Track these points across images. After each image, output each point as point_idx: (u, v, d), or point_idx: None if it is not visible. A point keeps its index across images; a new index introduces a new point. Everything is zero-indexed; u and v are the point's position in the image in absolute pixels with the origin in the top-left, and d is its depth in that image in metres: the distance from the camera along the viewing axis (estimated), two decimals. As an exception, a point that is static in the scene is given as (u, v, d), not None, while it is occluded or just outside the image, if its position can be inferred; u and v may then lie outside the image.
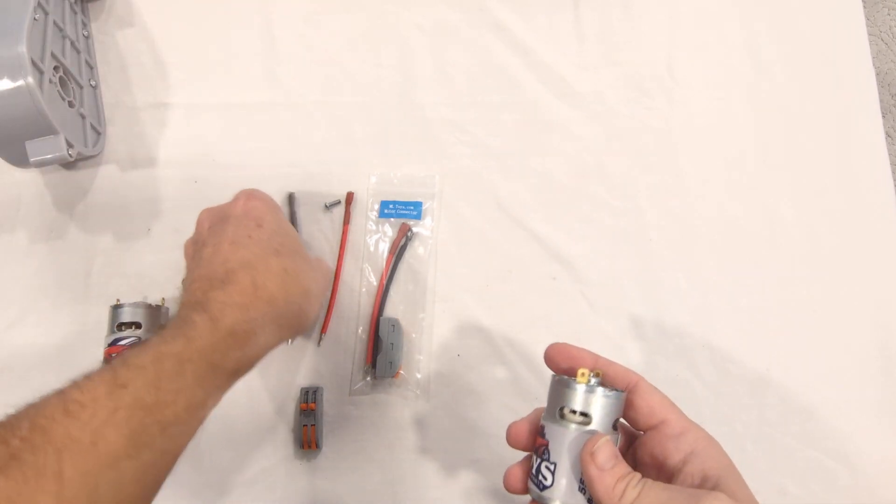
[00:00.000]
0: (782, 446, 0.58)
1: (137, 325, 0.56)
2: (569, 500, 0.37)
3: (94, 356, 0.57)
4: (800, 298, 0.61)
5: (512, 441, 0.41)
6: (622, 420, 0.39)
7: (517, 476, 0.40)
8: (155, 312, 0.57)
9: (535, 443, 0.39)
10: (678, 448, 0.37)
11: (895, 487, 0.56)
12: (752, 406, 0.59)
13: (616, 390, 0.38)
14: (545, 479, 0.37)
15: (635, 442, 0.40)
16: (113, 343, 0.55)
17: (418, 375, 0.59)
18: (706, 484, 0.35)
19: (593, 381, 0.37)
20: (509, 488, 0.40)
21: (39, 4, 0.57)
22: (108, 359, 0.55)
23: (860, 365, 0.59)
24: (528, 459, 0.40)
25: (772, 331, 0.60)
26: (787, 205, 0.63)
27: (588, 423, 0.37)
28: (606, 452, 0.36)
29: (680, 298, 0.61)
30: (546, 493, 0.37)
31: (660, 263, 0.62)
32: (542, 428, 0.38)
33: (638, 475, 0.35)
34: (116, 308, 0.56)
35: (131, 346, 0.48)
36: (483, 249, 0.62)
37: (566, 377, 0.38)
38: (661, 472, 0.38)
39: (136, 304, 0.56)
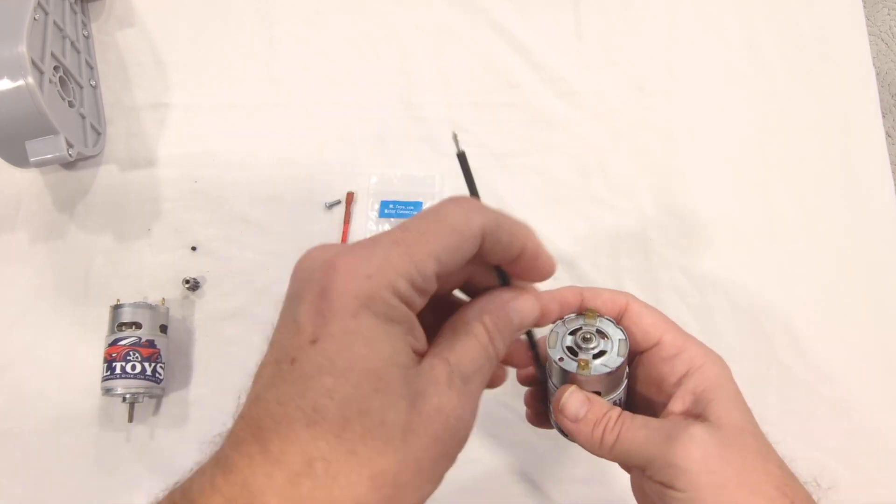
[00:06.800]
0: (782, 446, 0.57)
1: (137, 325, 0.56)
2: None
3: (94, 356, 0.57)
4: (799, 298, 0.60)
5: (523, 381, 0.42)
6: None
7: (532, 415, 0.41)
8: (155, 312, 0.57)
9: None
10: (673, 370, 0.36)
11: (895, 487, 0.56)
12: (752, 406, 0.58)
13: (618, 359, 0.35)
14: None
15: (634, 361, 0.39)
16: (113, 343, 0.55)
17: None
18: (696, 407, 0.35)
19: (593, 360, 0.36)
20: (534, 422, 0.41)
21: (39, 4, 0.57)
22: (108, 358, 0.55)
23: (860, 364, 0.59)
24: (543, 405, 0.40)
25: (772, 330, 0.60)
26: (787, 204, 0.63)
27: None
28: (575, 402, 0.35)
29: (680, 298, 0.60)
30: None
31: (660, 263, 0.61)
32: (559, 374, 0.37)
33: (616, 413, 0.35)
34: (116, 308, 0.56)
35: None
36: (483, 249, 0.62)
37: (563, 363, 0.36)
38: (660, 391, 0.37)
39: (136, 304, 0.56)
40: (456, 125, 0.65)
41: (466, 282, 0.31)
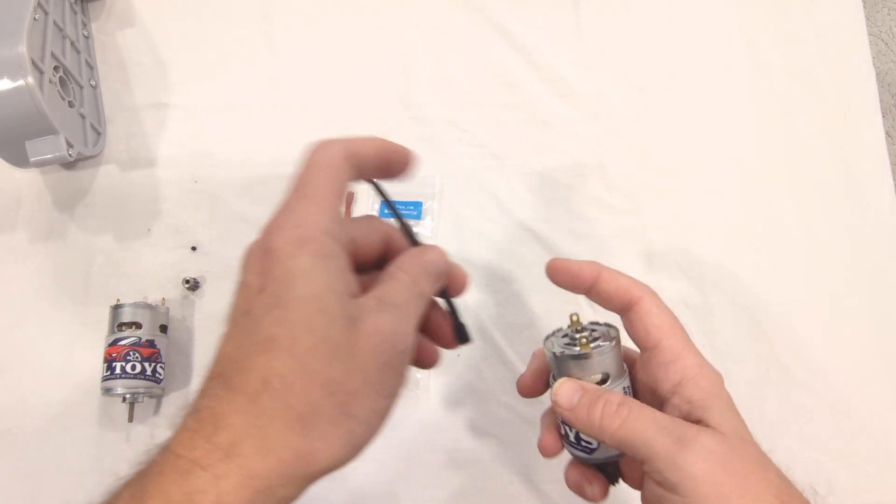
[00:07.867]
0: (782, 446, 0.58)
1: (137, 325, 0.56)
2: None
3: (94, 356, 0.57)
4: (800, 298, 0.60)
5: (526, 393, 0.42)
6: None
7: (550, 442, 0.40)
8: (155, 312, 0.57)
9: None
10: (667, 377, 0.36)
11: (895, 488, 0.56)
12: (752, 406, 0.58)
13: (604, 342, 0.37)
14: (590, 442, 0.37)
15: (634, 363, 0.39)
16: (113, 343, 0.55)
17: (418, 376, 0.59)
18: (692, 415, 0.35)
19: (585, 343, 0.37)
20: (548, 453, 0.41)
21: (39, 4, 0.57)
22: (108, 358, 0.55)
23: (860, 366, 0.59)
24: (554, 425, 0.40)
25: (772, 331, 0.60)
26: (787, 204, 0.63)
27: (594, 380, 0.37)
28: (566, 391, 0.36)
29: (680, 298, 0.60)
30: (598, 454, 0.38)
31: (660, 263, 0.61)
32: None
33: (617, 397, 0.35)
34: (116, 308, 0.56)
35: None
36: (483, 249, 0.62)
37: (557, 353, 0.37)
38: (654, 396, 0.37)
39: (136, 304, 0.56)
40: (456, 125, 0.65)
41: (383, 253, 0.35)
